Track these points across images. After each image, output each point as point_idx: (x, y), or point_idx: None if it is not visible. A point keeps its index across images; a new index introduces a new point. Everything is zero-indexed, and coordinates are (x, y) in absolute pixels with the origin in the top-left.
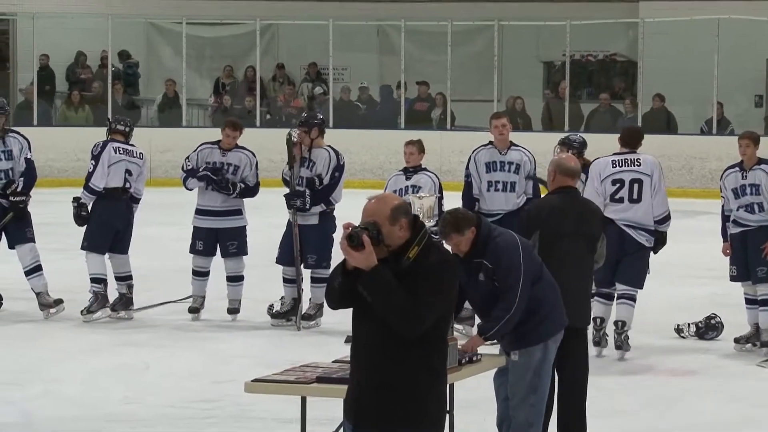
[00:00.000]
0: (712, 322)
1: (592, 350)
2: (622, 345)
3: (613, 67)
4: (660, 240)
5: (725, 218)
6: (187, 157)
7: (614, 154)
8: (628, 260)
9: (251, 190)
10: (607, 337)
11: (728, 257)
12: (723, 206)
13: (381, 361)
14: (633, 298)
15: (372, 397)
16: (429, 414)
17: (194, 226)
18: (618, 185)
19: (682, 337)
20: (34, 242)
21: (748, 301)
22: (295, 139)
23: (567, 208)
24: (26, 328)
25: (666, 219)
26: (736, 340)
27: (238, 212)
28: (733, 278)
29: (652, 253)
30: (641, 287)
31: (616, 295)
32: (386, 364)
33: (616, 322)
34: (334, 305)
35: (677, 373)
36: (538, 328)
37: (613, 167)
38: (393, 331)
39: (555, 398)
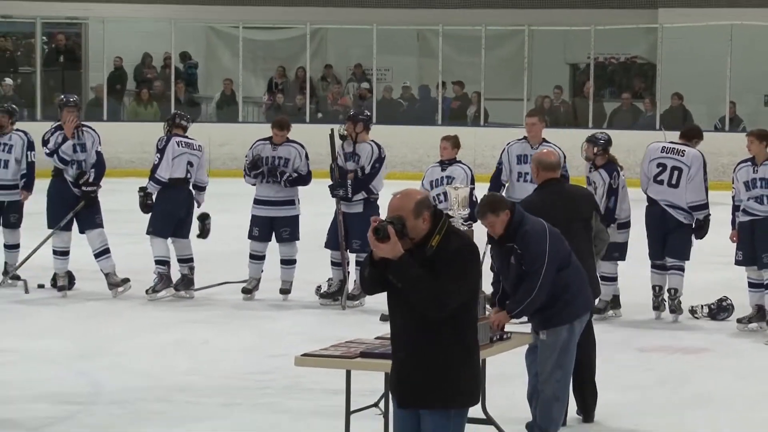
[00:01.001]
0: (724, 304)
1: (650, 313)
2: (675, 309)
3: (634, 68)
4: (701, 226)
5: (735, 208)
6: (246, 155)
7: (669, 142)
8: (672, 236)
9: (303, 179)
10: (665, 303)
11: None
12: (733, 197)
13: (416, 341)
14: (681, 269)
15: (411, 375)
16: (464, 388)
17: (252, 215)
18: (661, 168)
19: (696, 318)
20: (103, 227)
21: (751, 285)
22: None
23: (555, 199)
24: (96, 306)
25: (699, 207)
26: (739, 320)
27: (292, 202)
28: (738, 263)
29: (696, 239)
30: (688, 258)
31: (667, 266)
32: (421, 344)
33: (668, 290)
34: (368, 292)
35: (690, 350)
36: (565, 311)
37: (660, 152)
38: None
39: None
